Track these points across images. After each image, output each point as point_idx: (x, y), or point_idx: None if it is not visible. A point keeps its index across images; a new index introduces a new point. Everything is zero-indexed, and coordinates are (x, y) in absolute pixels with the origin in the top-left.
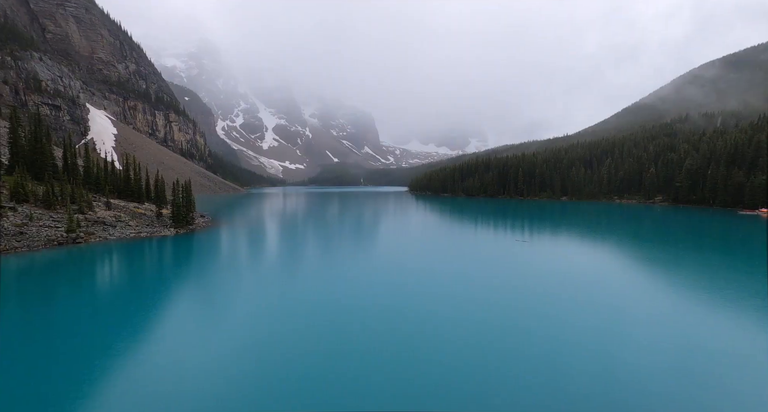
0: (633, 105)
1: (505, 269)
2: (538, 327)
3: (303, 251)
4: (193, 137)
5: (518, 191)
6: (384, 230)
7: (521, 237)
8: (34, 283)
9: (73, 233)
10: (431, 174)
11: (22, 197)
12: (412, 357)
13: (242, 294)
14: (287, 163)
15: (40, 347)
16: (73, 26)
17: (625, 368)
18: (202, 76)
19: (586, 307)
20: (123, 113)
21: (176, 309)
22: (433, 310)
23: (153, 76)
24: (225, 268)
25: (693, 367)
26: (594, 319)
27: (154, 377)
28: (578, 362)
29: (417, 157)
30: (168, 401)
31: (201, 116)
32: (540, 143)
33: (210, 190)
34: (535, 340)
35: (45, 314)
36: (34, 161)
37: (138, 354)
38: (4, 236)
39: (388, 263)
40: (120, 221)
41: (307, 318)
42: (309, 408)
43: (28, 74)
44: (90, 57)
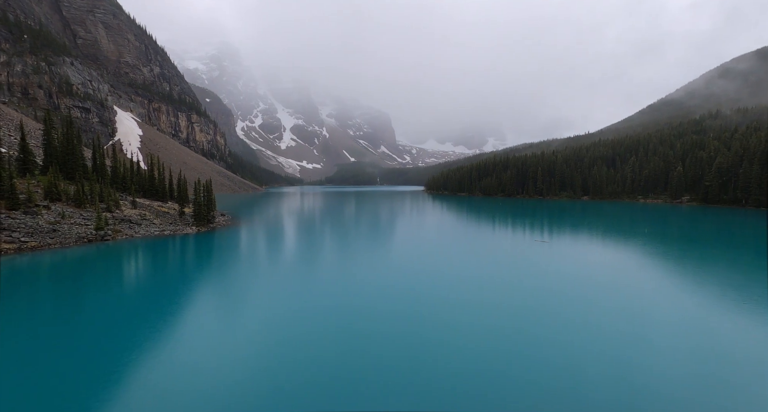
0: (658, 101)
1: (523, 270)
2: (555, 330)
3: (319, 250)
4: (214, 138)
5: (537, 191)
6: (400, 230)
7: (540, 237)
8: (65, 278)
9: (101, 230)
10: (448, 173)
11: (55, 196)
12: (427, 359)
13: (260, 293)
14: (304, 163)
15: (67, 341)
16: (101, 32)
17: (645, 375)
18: (223, 78)
19: (607, 310)
20: (148, 115)
21: (197, 306)
22: (449, 311)
23: (176, 79)
24: (244, 266)
25: (718, 374)
26: (614, 323)
27: (173, 374)
28: (596, 367)
29: (433, 157)
30: (184, 398)
31: (221, 117)
32: (560, 142)
33: (230, 189)
34: (551, 344)
35: (74, 308)
36: (66, 162)
37: (159, 351)
38: (38, 233)
39: (404, 263)
40: (145, 219)
41: (323, 317)
42: (324, 409)
43: (60, 79)
44: (117, 61)
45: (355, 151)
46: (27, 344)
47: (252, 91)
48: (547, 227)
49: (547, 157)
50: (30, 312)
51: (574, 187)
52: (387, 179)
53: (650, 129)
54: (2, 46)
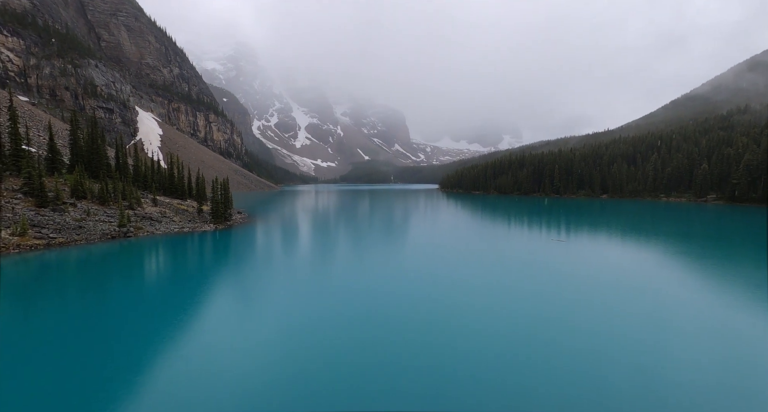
0: (682, 97)
1: (539, 270)
2: (572, 333)
3: (334, 248)
4: (231, 137)
5: (554, 189)
6: (414, 228)
7: (557, 236)
8: (91, 274)
9: (124, 227)
10: (462, 171)
11: (81, 194)
12: (441, 360)
13: (275, 290)
14: (319, 161)
15: (91, 334)
16: (124, 34)
17: (669, 383)
18: (240, 78)
19: (627, 312)
20: (168, 115)
21: (214, 302)
22: (463, 310)
23: (194, 79)
24: (259, 263)
25: (747, 384)
26: (635, 325)
27: (190, 370)
28: (616, 375)
29: (448, 155)
30: (200, 394)
31: (238, 116)
32: (578, 139)
33: (246, 187)
34: (567, 345)
35: (99, 302)
36: (91, 161)
37: (177, 346)
38: (66, 230)
39: (418, 261)
40: (165, 216)
41: (336, 315)
42: (337, 409)
43: (85, 80)
44: (139, 62)
45: (370, 149)
46: (52, 337)
47: (268, 91)
48: (565, 226)
49: (564, 154)
50: (59, 306)
51: (592, 185)
52: (401, 178)
53: (673, 125)
54: (32, 49)
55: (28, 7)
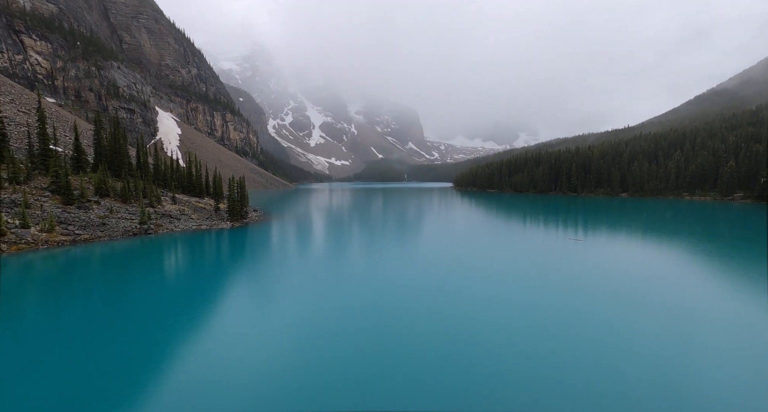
0: (708, 91)
1: (556, 269)
2: (590, 332)
3: (348, 245)
4: (247, 136)
5: (571, 187)
6: (428, 226)
7: (575, 235)
8: (114, 269)
9: (145, 224)
10: (477, 169)
11: (104, 192)
12: (455, 357)
13: (290, 286)
14: (333, 160)
15: (113, 328)
16: (145, 36)
17: (692, 379)
18: (255, 78)
19: (648, 312)
20: (186, 115)
21: (230, 298)
22: (478, 309)
23: (212, 79)
24: (275, 260)
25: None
26: (657, 324)
27: (207, 365)
28: (638, 371)
29: (462, 153)
30: (216, 388)
31: (254, 116)
32: (597, 136)
33: (262, 185)
34: (587, 345)
35: (121, 297)
36: (113, 160)
37: (194, 340)
38: (90, 226)
39: (432, 259)
40: (184, 214)
41: (351, 311)
42: (352, 404)
43: (108, 82)
44: (159, 64)
45: (383, 147)
46: (77, 331)
47: (283, 90)
48: (582, 225)
49: (582, 152)
50: (84, 301)
51: (611, 183)
52: (415, 176)
53: (698, 121)
54: (59, 53)
55: (55, 12)
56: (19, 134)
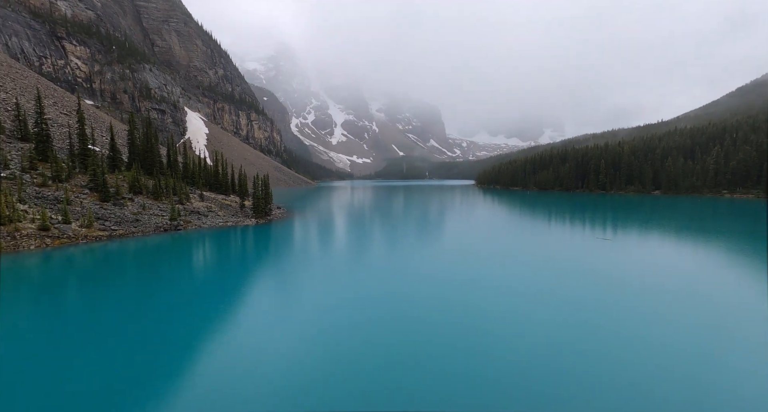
0: (751, 83)
1: (581, 270)
2: (617, 336)
3: (369, 242)
4: (271, 134)
5: (599, 185)
6: (450, 224)
7: (603, 234)
8: (147, 264)
9: (174, 220)
10: (500, 167)
11: (137, 190)
12: (480, 354)
13: (313, 282)
14: (354, 158)
15: (145, 319)
16: (174, 39)
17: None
18: (279, 77)
19: (676, 320)
20: (213, 114)
21: (255, 293)
22: (502, 308)
23: (237, 80)
24: (298, 256)
25: None
26: (684, 336)
27: (231, 359)
28: (666, 389)
29: (485, 150)
30: (239, 383)
31: (277, 114)
32: (627, 131)
33: (285, 183)
34: (611, 343)
35: (152, 290)
36: (146, 159)
37: (219, 334)
38: (125, 222)
39: (454, 256)
40: (211, 211)
41: (373, 308)
42: (374, 399)
43: (141, 84)
44: (187, 65)
45: (404, 145)
46: (111, 322)
47: (305, 89)
48: (611, 224)
49: (611, 148)
50: (121, 293)
51: (643, 180)
52: (436, 173)
53: (740, 114)
54: (96, 57)
55: (93, 18)
56: (61, 135)
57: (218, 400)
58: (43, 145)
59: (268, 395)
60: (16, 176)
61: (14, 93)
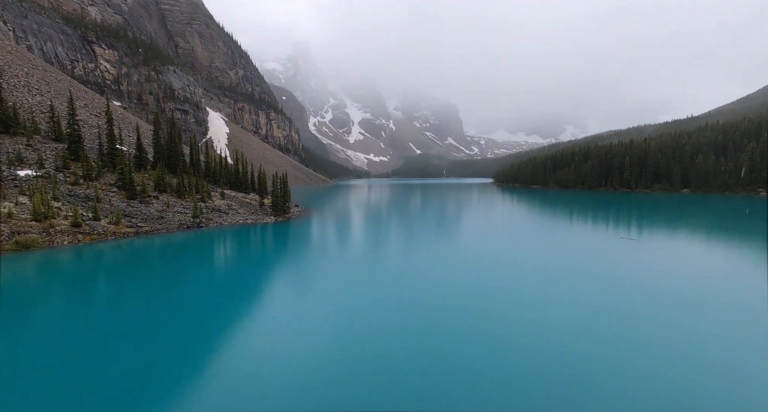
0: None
1: (603, 271)
2: (639, 333)
3: (386, 240)
4: (289, 133)
5: (624, 183)
6: (467, 223)
7: (627, 234)
8: (171, 259)
9: (197, 218)
10: (519, 165)
11: (162, 188)
12: (496, 357)
13: (330, 280)
14: (372, 156)
15: (165, 316)
16: (197, 41)
17: None
18: (297, 77)
19: (709, 316)
20: (233, 114)
21: (273, 290)
22: (520, 309)
23: (257, 80)
24: (315, 254)
25: None
26: (717, 329)
27: (250, 356)
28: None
29: (503, 148)
30: (258, 381)
31: (296, 114)
32: (654, 127)
33: (303, 181)
34: (636, 347)
35: (176, 286)
36: (170, 158)
37: (239, 331)
38: (150, 220)
39: (471, 257)
40: (231, 209)
41: (390, 306)
42: (390, 400)
43: (166, 85)
44: (209, 66)
45: (422, 143)
46: (134, 316)
47: (323, 88)
48: (636, 223)
49: (637, 144)
50: (146, 288)
51: (670, 178)
52: (454, 171)
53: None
54: (124, 60)
55: (121, 22)
56: (92, 135)
57: (234, 396)
58: (75, 146)
59: (283, 393)
60: (51, 175)
61: (49, 96)
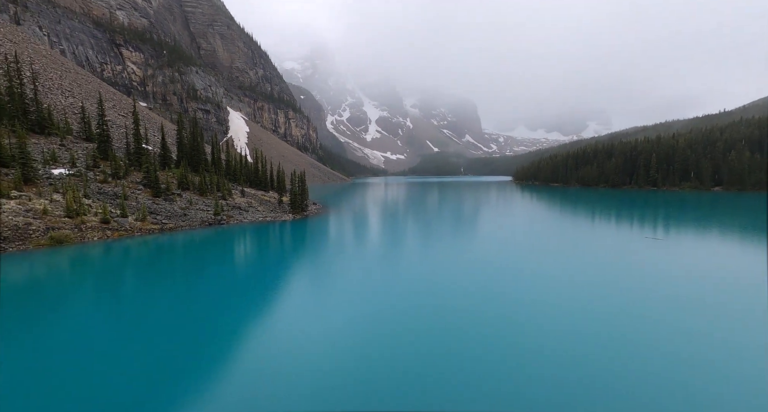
0: None
1: (626, 272)
2: (664, 339)
3: (403, 239)
4: (307, 132)
5: (650, 181)
6: (485, 221)
7: (653, 234)
8: (194, 256)
9: (218, 215)
10: (539, 162)
11: (185, 186)
12: (518, 361)
13: (348, 278)
14: (389, 154)
15: (187, 312)
16: (218, 42)
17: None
18: (315, 76)
19: (737, 340)
20: (253, 113)
21: (291, 287)
22: (540, 311)
23: (276, 79)
24: (333, 252)
25: None
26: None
27: (269, 354)
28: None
29: (523, 145)
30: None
31: (313, 112)
32: (683, 123)
33: (320, 180)
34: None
35: (198, 281)
36: (192, 157)
37: (257, 328)
38: (174, 217)
39: (490, 256)
40: (251, 206)
41: (408, 306)
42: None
43: (189, 86)
44: (230, 66)
45: (439, 141)
46: (160, 310)
47: (341, 87)
48: (662, 222)
49: (664, 141)
50: (170, 283)
51: (700, 176)
52: (472, 169)
53: None
54: (149, 61)
55: (147, 25)
56: (119, 135)
57: (253, 392)
58: (104, 145)
59: (299, 392)
60: (82, 174)
61: (80, 97)
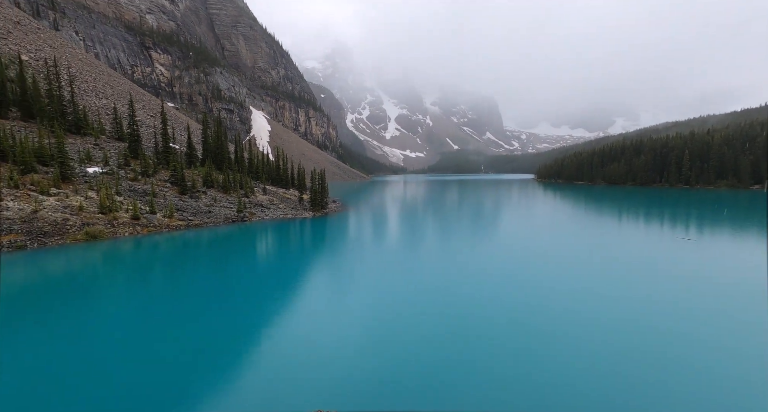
0: None
1: (659, 272)
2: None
3: (422, 239)
4: (327, 130)
5: (682, 179)
6: (507, 221)
7: (685, 234)
8: (219, 251)
9: (241, 212)
10: (563, 160)
11: (210, 184)
12: (539, 359)
13: (366, 275)
14: (408, 152)
15: (210, 305)
16: (242, 42)
17: None
18: (335, 75)
19: None
20: (275, 112)
21: (312, 283)
22: (565, 310)
23: (297, 79)
24: (352, 248)
25: None
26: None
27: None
28: None
29: (546, 142)
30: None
31: (333, 111)
32: (718, 118)
33: (340, 177)
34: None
35: (220, 279)
36: (217, 155)
37: (276, 323)
38: (199, 214)
39: (512, 255)
40: (273, 204)
41: (426, 304)
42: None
43: (213, 86)
44: (252, 66)
45: (459, 138)
46: (183, 301)
47: (360, 85)
48: (696, 222)
49: (698, 137)
50: (197, 278)
51: (738, 173)
52: (492, 167)
53: None
54: (176, 63)
55: (174, 28)
56: (148, 135)
57: (272, 385)
58: (135, 144)
59: (315, 386)
60: (114, 172)
61: (112, 99)
